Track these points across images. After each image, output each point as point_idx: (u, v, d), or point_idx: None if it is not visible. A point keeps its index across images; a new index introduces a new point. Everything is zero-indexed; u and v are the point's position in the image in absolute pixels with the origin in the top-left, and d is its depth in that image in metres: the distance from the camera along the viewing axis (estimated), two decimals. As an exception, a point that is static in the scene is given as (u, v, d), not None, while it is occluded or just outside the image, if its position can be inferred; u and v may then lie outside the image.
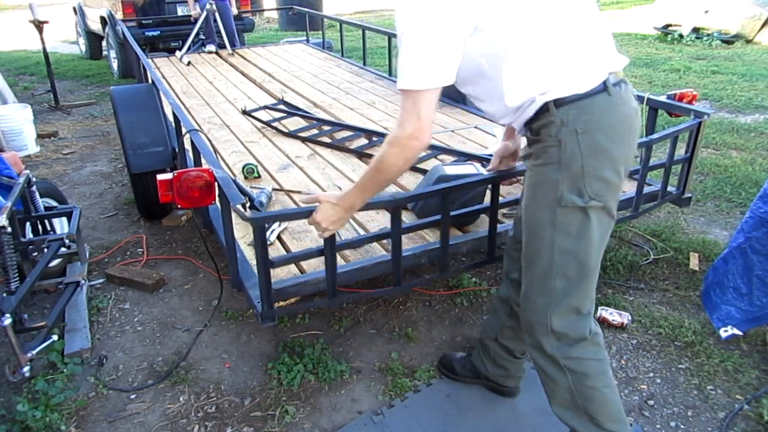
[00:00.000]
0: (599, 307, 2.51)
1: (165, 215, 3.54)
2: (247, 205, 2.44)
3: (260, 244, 1.68)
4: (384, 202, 1.83)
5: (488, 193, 2.18)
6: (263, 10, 12.22)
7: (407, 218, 2.38)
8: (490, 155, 2.98)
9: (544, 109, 1.41)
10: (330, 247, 1.80)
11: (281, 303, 1.94)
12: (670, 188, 2.65)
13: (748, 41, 8.80)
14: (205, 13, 6.35)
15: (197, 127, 2.88)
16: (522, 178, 1.92)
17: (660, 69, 7.21)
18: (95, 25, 8.59)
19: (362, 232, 2.28)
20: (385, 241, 2.20)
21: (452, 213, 2.05)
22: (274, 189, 2.68)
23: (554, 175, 1.42)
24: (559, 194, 1.41)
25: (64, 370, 2.27)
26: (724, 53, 8.16)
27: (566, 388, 1.58)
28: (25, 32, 9.41)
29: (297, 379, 2.21)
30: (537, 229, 1.50)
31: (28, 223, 2.67)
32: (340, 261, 2.09)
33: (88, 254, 3.04)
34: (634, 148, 1.48)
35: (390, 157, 1.42)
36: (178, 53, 6.22)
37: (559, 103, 1.38)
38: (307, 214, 1.65)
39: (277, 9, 11.73)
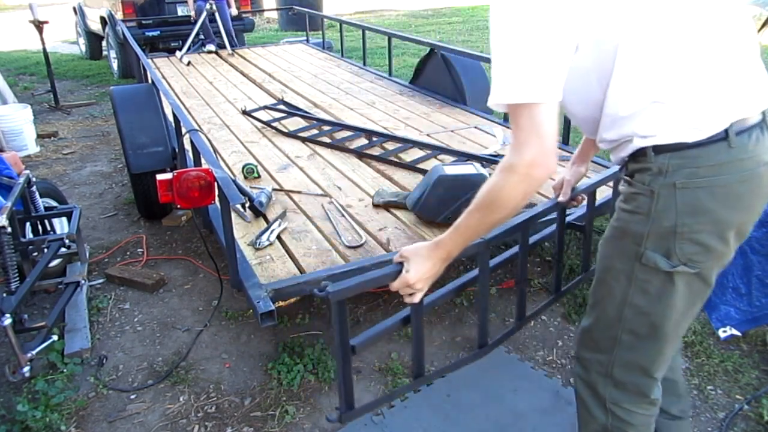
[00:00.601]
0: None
1: (165, 215, 3.54)
2: (247, 205, 2.45)
3: (341, 326, 1.34)
4: (475, 245, 1.50)
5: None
6: (263, 10, 12.22)
7: (406, 218, 2.39)
8: (491, 155, 3.00)
9: (641, 152, 1.17)
10: (416, 314, 1.47)
11: (281, 303, 1.93)
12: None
13: (748, 41, 8.79)
14: (205, 13, 6.36)
15: (197, 127, 2.88)
16: (584, 196, 1.77)
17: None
18: (95, 25, 8.60)
19: (362, 232, 2.28)
20: (384, 241, 2.21)
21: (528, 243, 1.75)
22: (274, 189, 2.68)
23: (640, 228, 1.20)
24: (641, 250, 1.20)
25: (64, 370, 2.27)
26: (724, 53, 8.15)
27: (602, 425, 1.42)
28: (25, 32, 9.40)
29: (297, 379, 2.21)
30: (610, 277, 1.30)
31: (28, 223, 2.67)
32: (339, 261, 2.09)
33: (88, 254, 3.04)
34: (757, 211, 1.20)
35: (506, 189, 1.13)
36: (178, 53, 6.23)
37: (659, 149, 1.14)
38: (392, 277, 1.33)
39: (277, 9, 11.75)
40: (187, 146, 2.65)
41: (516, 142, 1.10)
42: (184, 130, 2.44)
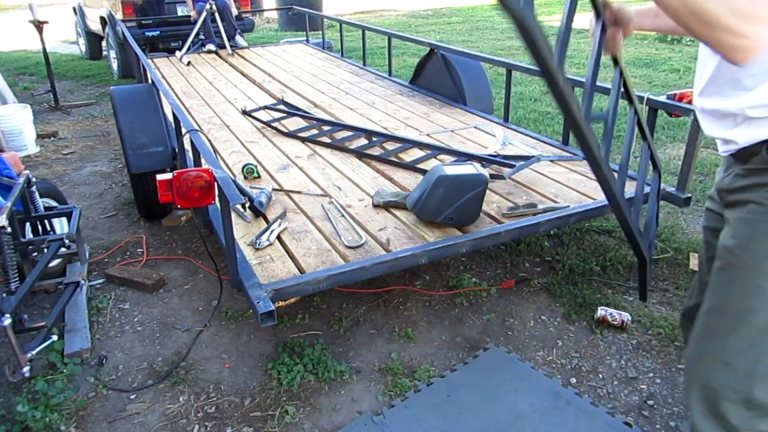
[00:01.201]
0: (599, 307, 2.51)
1: (165, 215, 3.54)
2: (247, 205, 2.45)
3: None
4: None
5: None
6: (263, 10, 12.22)
7: (406, 218, 2.38)
8: (491, 155, 3.00)
9: None
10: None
11: (281, 303, 1.93)
12: (669, 188, 2.66)
13: (748, 41, 8.78)
14: (205, 13, 6.36)
15: (197, 127, 2.88)
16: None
17: (660, 69, 7.21)
18: (95, 26, 8.60)
19: (362, 232, 2.27)
20: (384, 241, 2.21)
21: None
22: (274, 189, 2.68)
23: None
24: None
25: (64, 370, 2.27)
26: (724, 53, 8.15)
27: None
28: (25, 32, 9.41)
29: (297, 379, 2.21)
30: (761, 280, 1.18)
31: (28, 223, 2.67)
32: (339, 261, 2.09)
33: (88, 254, 3.04)
34: None
35: (722, 28, 0.91)
36: (178, 53, 6.23)
37: None
38: None
39: (277, 9, 11.75)
40: (187, 146, 2.65)
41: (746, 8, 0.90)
42: (184, 130, 2.44)
